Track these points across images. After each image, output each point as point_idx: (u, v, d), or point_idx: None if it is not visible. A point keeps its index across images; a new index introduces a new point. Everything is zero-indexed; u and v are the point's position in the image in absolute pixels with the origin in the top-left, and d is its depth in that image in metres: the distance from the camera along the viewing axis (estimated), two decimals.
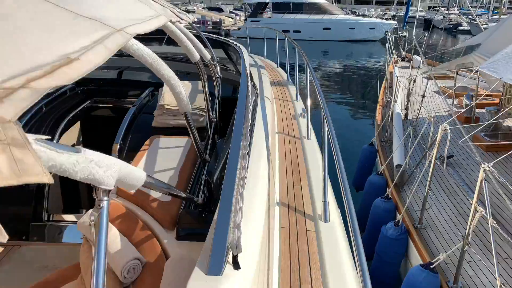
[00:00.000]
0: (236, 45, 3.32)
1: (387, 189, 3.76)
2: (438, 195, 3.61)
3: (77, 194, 3.34)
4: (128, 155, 2.67)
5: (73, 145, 3.39)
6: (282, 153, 2.95)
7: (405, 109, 5.42)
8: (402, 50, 10.57)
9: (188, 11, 42.15)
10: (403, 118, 5.43)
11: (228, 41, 3.60)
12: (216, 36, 3.76)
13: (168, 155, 2.45)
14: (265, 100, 3.26)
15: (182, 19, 2.19)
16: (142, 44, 1.45)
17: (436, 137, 3.00)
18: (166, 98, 2.86)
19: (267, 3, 31.38)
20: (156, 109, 2.86)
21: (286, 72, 5.30)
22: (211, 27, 32.48)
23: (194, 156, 2.51)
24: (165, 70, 1.64)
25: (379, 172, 3.90)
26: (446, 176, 3.90)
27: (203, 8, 65.60)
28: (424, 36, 10.70)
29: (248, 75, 2.56)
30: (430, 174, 3.15)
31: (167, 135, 2.85)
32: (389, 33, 10.66)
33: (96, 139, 3.57)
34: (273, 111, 3.39)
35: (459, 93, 6.17)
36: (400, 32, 10.77)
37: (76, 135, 3.58)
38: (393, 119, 4.79)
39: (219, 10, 52.48)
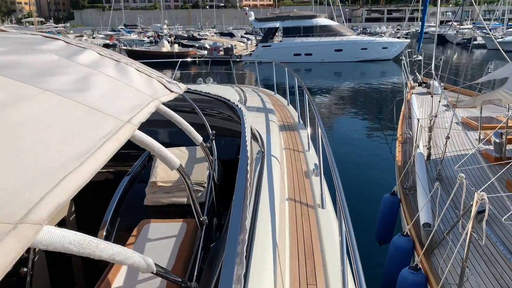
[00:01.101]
0: (236, 106, 2.97)
1: (415, 254, 3.31)
2: (475, 261, 3.14)
3: (69, 272, 2.99)
4: (116, 242, 2.32)
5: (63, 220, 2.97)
6: (293, 227, 2.55)
7: (428, 148, 4.97)
8: (418, 75, 10.13)
9: (199, 38, 42.66)
10: (425, 158, 4.97)
11: (229, 101, 3.26)
12: (214, 95, 3.42)
13: (162, 243, 2.10)
14: (273, 160, 2.90)
15: (173, 91, 1.87)
16: None
17: (471, 208, 2.58)
18: (159, 173, 2.53)
19: (278, 28, 31.47)
20: (148, 185, 2.52)
21: (296, 110, 4.98)
22: (222, 53, 32.68)
23: (191, 240, 2.15)
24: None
25: (404, 233, 3.45)
26: (481, 234, 3.44)
27: (215, 33, 66.82)
28: (441, 60, 10.25)
29: (249, 149, 2.21)
30: (466, 249, 2.69)
31: (161, 213, 2.51)
32: (403, 57, 10.27)
33: (87, 206, 3.23)
34: (282, 170, 3.02)
35: (484, 126, 5.70)
36: (415, 56, 10.36)
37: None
38: (415, 164, 4.35)
39: (231, 35, 53.13)
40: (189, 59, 8.47)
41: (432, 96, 7.09)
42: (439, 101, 8.24)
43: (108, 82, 1.43)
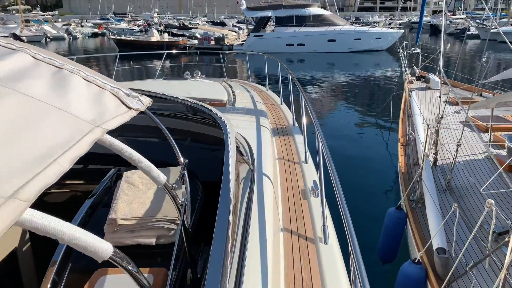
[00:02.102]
0: (219, 118, 2.48)
1: (428, 285, 2.89)
2: None
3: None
4: None
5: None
6: (289, 266, 2.10)
7: (434, 153, 4.53)
8: (416, 68, 9.69)
9: (190, 28, 41.79)
10: (431, 164, 4.55)
11: (211, 110, 2.76)
12: (194, 103, 2.92)
13: None
14: (264, 181, 2.44)
15: (131, 108, 1.40)
16: None
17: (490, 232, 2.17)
18: (120, 207, 2.02)
19: (270, 17, 30.79)
20: (106, 223, 2.01)
21: (291, 110, 4.51)
22: (213, 42, 31.97)
23: None
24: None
25: (416, 260, 3.01)
26: (500, 255, 3.03)
27: (206, 22, 65.72)
28: (440, 52, 9.81)
29: (232, 176, 1.74)
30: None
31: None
32: (401, 50, 9.82)
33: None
34: (275, 191, 2.56)
35: (494, 127, 5.27)
36: (413, 48, 9.90)
37: None
38: (422, 173, 3.91)
39: (222, 24, 52.24)
40: (174, 51, 7.88)
41: (440, 97, 6.62)
42: (439, 96, 7.82)
43: (27, 104, 0.96)
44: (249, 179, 2.25)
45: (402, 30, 31.22)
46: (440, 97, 7.70)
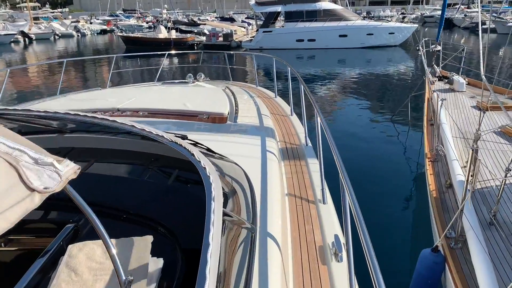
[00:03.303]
0: (203, 169, 1.79)
1: None
2: None
3: None
4: None
5: None
6: None
7: (472, 174, 3.78)
8: (436, 67, 8.97)
9: (199, 24, 41.14)
10: (464, 184, 3.87)
11: (192, 155, 2.04)
12: (170, 141, 2.21)
13: None
14: (269, 245, 1.81)
15: (34, 190, 0.81)
16: None
17: None
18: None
19: (279, 12, 30.03)
20: None
21: (303, 124, 3.84)
22: (222, 39, 31.36)
23: None
24: None
25: None
26: None
27: (215, 17, 65.06)
28: (463, 50, 9.06)
29: (216, 240, 1.15)
30: None
31: None
32: (421, 47, 9.09)
33: None
34: (283, 261, 1.92)
35: None
36: (434, 45, 9.16)
37: None
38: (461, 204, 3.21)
39: (231, 20, 51.60)
40: (173, 51, 7.26)
41: (453, 91, 5.85)
42: (463, 99, 7.11)
43: None
44: (249, 241, 1.65)
45: (416, 25, 30.20)
46: (463, 99, 7.03)
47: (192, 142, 2.50)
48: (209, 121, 3.46)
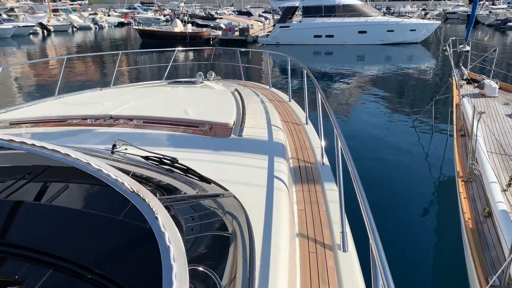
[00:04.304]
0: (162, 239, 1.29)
1: None
2: None
3: None
4: None
5: None
6: None
7: None
8: (464, 69, 8.34)
9: (215, 18, 40.79)
10: (506, 204, 3.34)
11: (152, 208, 1.52)
12: (130, 189, 1.72)
13: None
14: None
15: None
16: None
17: None
18: None
19: (297, 7, 29.35)
20: None
21: (320, 137, 3.33)
22: (238, 33, 30.88)
23: None
24: None
25: None
26: None
27: (233, 11, 64.52)
28: (495, 51, 8.41)
29: None
30: None
31: None
32: (447, 47, 8.46)
33: None
34: None
35: None
36: (462, 46, 8.52)
37: None
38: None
39: (248, 14, 51.03)
40: (180, 48, 6.88)
41: (483, 96, 5.23)
42: (496, 106, 6.52)
43: None
44: None
45: (439, 22, 29.14)
46: (496, 106, 6.46)
47: (184, 167, 2.07)
48: (211, 133, 3.03)
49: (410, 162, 7.04)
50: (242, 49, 7.94)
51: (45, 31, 45.20)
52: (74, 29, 49.61)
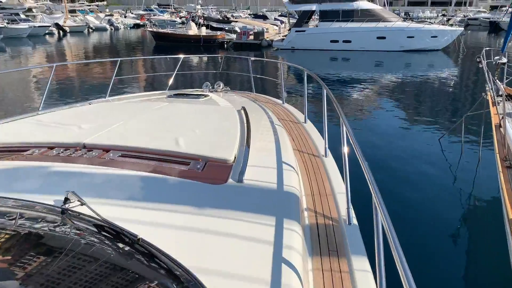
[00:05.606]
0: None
1: None
2: None
3: None
4: None
5: None
6: None
7: None
8: (499, 84, 7.50)
9: (229, 21, 40.37)
10: None
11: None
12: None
13: None
14: None
15: None
16: None
17: None
18: None
19: (314, 11, 28.61)
20: None
21: (344, 180, 2.60)
22: (252, 37, 30.29)
23: None
24: None
25: None
26: None
27: (249, 14, 64.09)
28: None
29: None
30: None
31: None
32: (481, 58, 7.65)
33: None
34: None
35: None
36: (498, 57, 7.70)
37: None
38: None
39: (264, 17, 50.51)
40: (182, 55, 6.28)
41: None
42: None
43: None
44: None
45: (462, 28, 28.02)
46: None
47: (146, 251, 1.41)
48: (203, 175, 2.34)
49: (437, 186, 6.25)
50: (253, 58, 7.25)
51: (60, 31, 45.38)
52: (90, 30, 49.75)
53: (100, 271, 1.21)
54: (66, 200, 1.78)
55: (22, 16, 44.47)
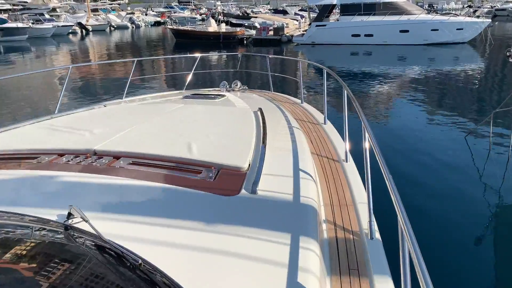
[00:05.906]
0: None
1: None
2: None
3: None
4: None
5: None
6: None
7: None
8: None
9: (249, 17, 40.19)
10: None
11: None
12: None
13: None
14: None
15: None
16: None
17: None
18: None
19: (335, 5, 28.11)
20: None
21: (366, 186, 2.44)
22: (272, 33, 30.04)
23: None
24: None
25: None
26: None
27: (269, 9, 63.70)
28: None
29: None
30: None
31: None
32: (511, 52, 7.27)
33: None
34: None
35: None
36: None
37: None
38: None
39: (284, 12, 50.08)
40: (197, 54, 6.17)
41: None
42: None
43: None
44: None
45: (489, 20, 26.98)
46: None
47: (148, 277, 1.31)
48: (215, 185, 2.22)
49: (462, 184, 5.97)
50: (270, 56, 7.09)
51: (83, 30, 46.20)
52: (112, 29, 50.47)
53: None
54: (70, 215, 1.70)
55: (47, 16, 45.47)
